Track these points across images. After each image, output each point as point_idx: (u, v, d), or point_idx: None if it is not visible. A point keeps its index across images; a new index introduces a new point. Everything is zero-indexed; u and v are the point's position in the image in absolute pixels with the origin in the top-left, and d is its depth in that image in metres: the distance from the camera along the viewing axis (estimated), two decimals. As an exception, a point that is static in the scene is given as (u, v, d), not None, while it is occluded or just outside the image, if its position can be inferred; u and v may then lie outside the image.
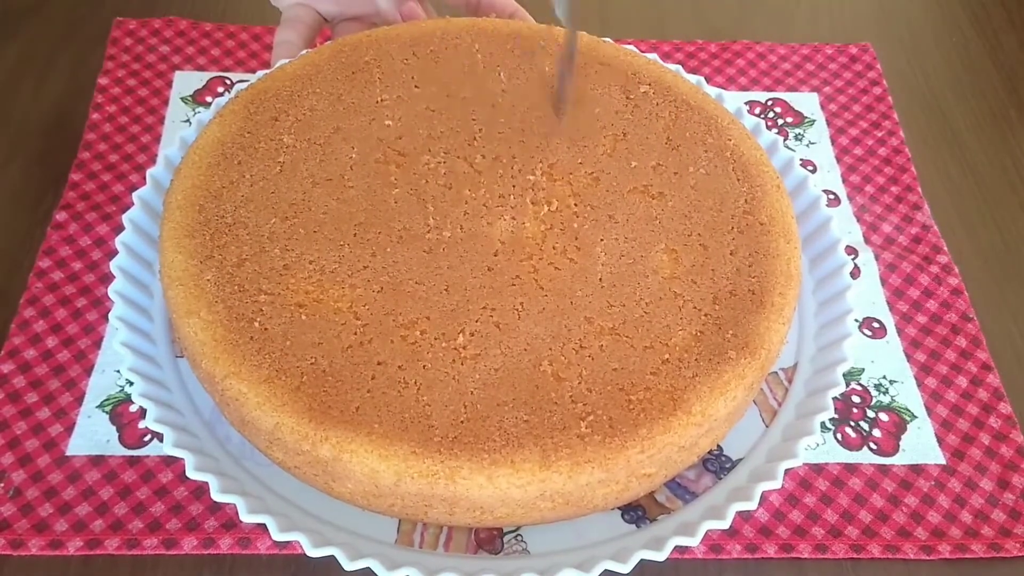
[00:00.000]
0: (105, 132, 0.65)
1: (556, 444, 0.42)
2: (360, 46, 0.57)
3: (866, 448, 0.53)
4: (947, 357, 0.57)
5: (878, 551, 0.50)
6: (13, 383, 0.53)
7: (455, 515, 0.43)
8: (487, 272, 0.47)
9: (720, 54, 0.74)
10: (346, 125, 0.53)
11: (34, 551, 0.47)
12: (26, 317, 0.56)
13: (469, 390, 0.43)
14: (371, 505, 0.44)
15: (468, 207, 0.50)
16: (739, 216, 0.50)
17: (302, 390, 0.43)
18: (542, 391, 0.43)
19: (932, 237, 0.63)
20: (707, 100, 0.56)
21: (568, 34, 0.54)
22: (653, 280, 0.48)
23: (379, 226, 0.49)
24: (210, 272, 0.46)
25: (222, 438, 0.49)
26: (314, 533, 0.44)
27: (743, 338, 0.46)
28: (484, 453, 0.41)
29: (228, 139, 0.51)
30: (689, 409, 0.43)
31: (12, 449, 0.50)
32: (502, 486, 0.41)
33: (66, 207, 0.61)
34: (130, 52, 0.70)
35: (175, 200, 0.49)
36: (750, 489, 0.46)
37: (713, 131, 0.54)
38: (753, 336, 0.46)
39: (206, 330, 0.44)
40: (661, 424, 0.43)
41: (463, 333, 0.45)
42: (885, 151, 0.68)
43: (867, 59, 0.75)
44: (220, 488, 0.44)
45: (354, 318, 0.45)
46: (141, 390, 0.47)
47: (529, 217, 0.50)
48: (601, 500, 0.44)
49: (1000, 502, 0.52)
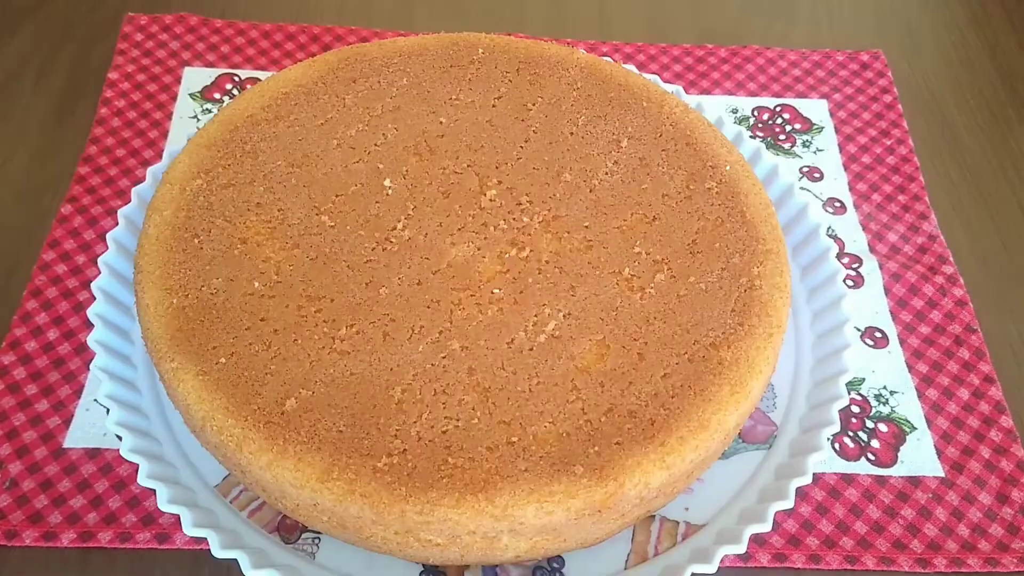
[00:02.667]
0: (113, 127, 0.66)
1: (347, 465, 0.41)
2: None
3: (864, 459, 0.53)
4: (949, 369, 0.57)
5: (872, 563, 0.49)
6: (13, 374, 0.53)
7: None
8: (415, 285, 0.47)
9: (730, 59, 0.74)
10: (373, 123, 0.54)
11: (28, 542, 0.48)
12: (29, 309, 0.56)
13: (314, 380, 0.43)
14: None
15: (446, 221, 0.49)
16: (703, 349, 0.45)
17: (186, 311, 0.45)
18: (372, 415, 0.42)
19: (938, 247, 0.63)
20: (770, 217, 0.51)
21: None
22: (559, 367, 0.44)
23: (358, 204, 0.49)
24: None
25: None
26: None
27: (598, 464, 0.41)
28: (280, 440, 0.41)
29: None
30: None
31: (10, 440, 0.51)
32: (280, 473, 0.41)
33: (72, 200, 0.61)
34: (140, 47, 0.71)
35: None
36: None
37: (747, 253, 0.49)
38: (610, 465, 0.41)
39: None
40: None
41: (347, 327, 0.45)
42: (893, 160, 0.68)
43: (878, 67, 0.74)
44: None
45: (274, 272, 0.47)
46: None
47: (495, 254, 0.48)
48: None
49: (998, 516, 0.51)
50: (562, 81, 0.56)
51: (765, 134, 0.69)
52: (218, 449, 0.43)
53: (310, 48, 0.72)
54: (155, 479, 0.44)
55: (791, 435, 0.51)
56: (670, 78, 0.72)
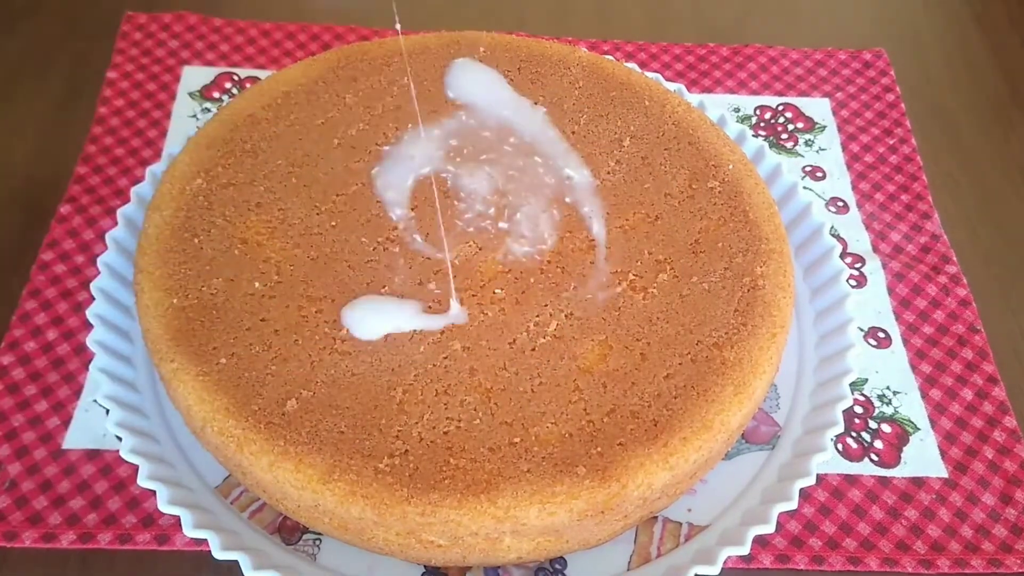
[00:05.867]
0: (112, 126, 0.65)
1: (349, 466, 0.41)
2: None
3: (867, 459, 0.53)
4: (952, 369, 0.57)
5: (876, 564, 0.49)
6: (12, 375, 0.53)
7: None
8: (416, 285, 0.47)
9: (732, 58, 0.74)
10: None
11: (27, 543, 0.47)
12: (28, 309, 0.56)
13: (315, 381, 0.43)
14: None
15: (448, 220, 0.49)
16: (706, 349, 0.45)
17: (186, 312, 0.44)
18: (373, 415, 0.42)
19: (941, 247, 0.62)
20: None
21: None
22: (561, 367, 0.44)
23: (359, 203, 0.49)
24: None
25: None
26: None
27: (601, 465, 0.41)
28: (281, 442, 0.41)
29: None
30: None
31: (9, 441, 0.51)
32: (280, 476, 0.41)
33: (71, 200, 0.61)
34: (139, 46, 0.70)
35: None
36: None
37: (750, 253, 0.48)
38: (613, 466, 0.41)
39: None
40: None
41: (348, 328, 0.45)
42: (896, 159, 0.68)
43: (880, 65, 0.74)
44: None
45: (274, 272, 0.46)
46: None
47: (496, 254, 0.48)
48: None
49: (1002, 517, 0.51)
50: (564, 80, 0.56)
51: (767, 133, 0.69)
52: (219, 450, 0.42)
53: (310, 47, 0.72)
54: (155, 480, 0.44)
55: (794, 436, 0.50)
56: (672, 77, 0.72)
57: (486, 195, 0.50)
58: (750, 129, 0.66)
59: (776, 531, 0.49)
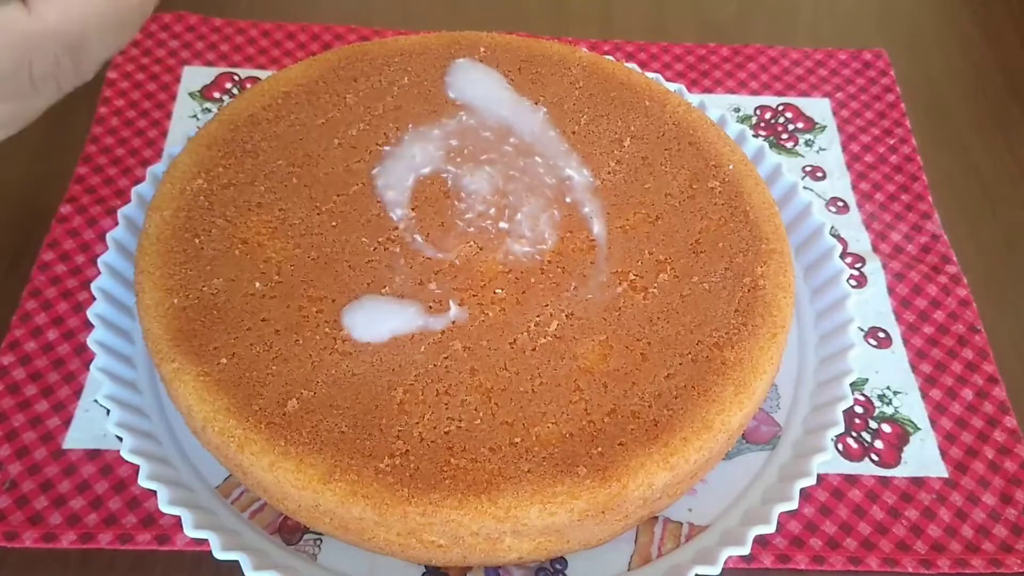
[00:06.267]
0: (112, 126, 0.65)
1: (349, 466, 0.41)
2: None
3: (867, 459, 0.53)
4: (953, 369, 0.57)
5: (876, 564, 0.49)
6: (13, 375, 0.53)
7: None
8: (416, 285, 0.47)
9: (732, 57, 0.74)
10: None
11: (28, 543, 0.47)
12: (28, 309, 0.56)
13: (316, 381, 0.43)
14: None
15: (448, 220, 0.49)
16: (707, 349, 0.45)
17: (187, 312, 0.44)
18: (374, 415, 0.42)
19: (942, 247, 0.63)
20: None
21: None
22: (562, 367, 0.44)
23: (360, 203, 0.49)
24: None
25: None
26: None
27: (602, 465, 0.41)
28: (282, 442, 0.41)
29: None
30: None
31: (10, 441, 0.51)
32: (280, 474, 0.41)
33: (71, 200, 0.61)
34: (139, 46, 0.70)
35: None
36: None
37: (750, 253, 0.48)
38: (614, 466, 0.41)
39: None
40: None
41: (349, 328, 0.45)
42: (896, 159, 0.68)
43: (881, 65, 0.74)
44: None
45: (275, 272, 0.46)
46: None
47: (497, 254, 0.48)
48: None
49: (1002, 517, 0.51)
50: (564, 80, 0.56)
51: (767, 133, 0.69)
52: (219, 450, 0.42)
53: (310, 47, 0.72)
54: (156, 480, 0.44)
55: (795, 436, 0.50)
56: (672, 77, 0.72)
57: (486, 195, 0.50)
58: (750, 129, 0.66)
59: (777, 531, 0.49)
